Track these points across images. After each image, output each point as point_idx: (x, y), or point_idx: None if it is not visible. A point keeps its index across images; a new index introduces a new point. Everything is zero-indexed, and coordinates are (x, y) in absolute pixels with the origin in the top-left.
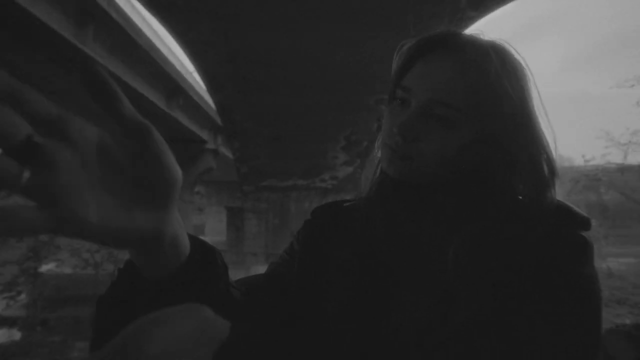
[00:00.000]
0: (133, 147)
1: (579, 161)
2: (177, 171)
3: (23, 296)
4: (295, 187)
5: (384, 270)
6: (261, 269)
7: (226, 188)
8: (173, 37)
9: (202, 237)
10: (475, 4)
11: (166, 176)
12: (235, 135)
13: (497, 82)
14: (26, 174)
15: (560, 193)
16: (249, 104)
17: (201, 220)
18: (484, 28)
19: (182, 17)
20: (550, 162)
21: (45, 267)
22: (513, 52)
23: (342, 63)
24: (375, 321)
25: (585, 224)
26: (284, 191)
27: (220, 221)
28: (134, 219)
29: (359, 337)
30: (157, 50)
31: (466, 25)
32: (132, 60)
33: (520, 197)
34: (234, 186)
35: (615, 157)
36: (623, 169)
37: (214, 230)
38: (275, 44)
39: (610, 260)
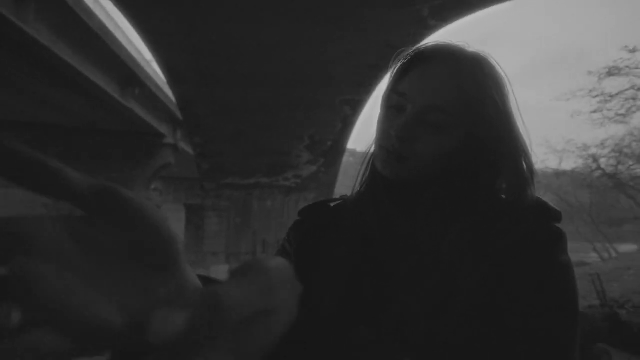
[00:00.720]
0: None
1: None
2: (169, 229)
3: None
4: (258, 185)
5: (380, 264)
6: (222, 268)
7: (185, 185)
8: (131, 23)
9: None
10: (436, 15)
11: (158, 239)
12: (196, 130)
13: (485, 90)
14: (15, 315)
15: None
16: (212, 99)
17: None
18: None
19: (142, 4)
20: (529, 162)
21: None
22: (495, 63)
23: (308, 61)
24: (375, 313)
25: (558, 217)
26: (246, 189)
27: (179, 220)
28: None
29: (360, 330)
30: (111, 35)
31: (428, 34)
32: (82, 44)
33: (503, 195)
34: (193, 183)
35: (552, 163)
36: (558, 174)
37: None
38: (241, 39)
39: None
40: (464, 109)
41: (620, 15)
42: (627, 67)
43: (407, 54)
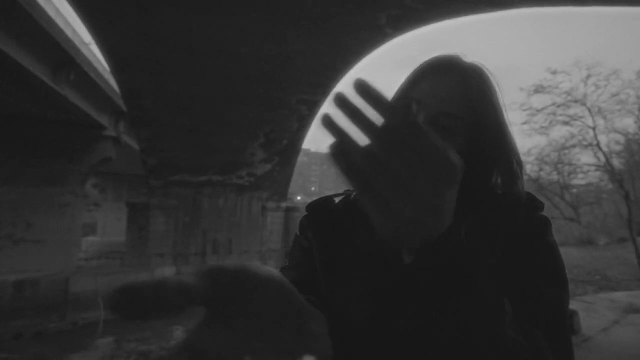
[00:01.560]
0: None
1: None
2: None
3: None
4: (209, 183)
5: None
6: (167, 270)
7: (127, 182)
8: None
9: (92, 238)
10: (392, 24)
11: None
12: (143, 123)
13: (487, 98)
14: None
15: None
16: (164, 90)
17: (92, 218)
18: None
19: None
20: (518, 158)
21: None
22: (489, 72)
23: (266, 58)
24: (399, 289)
25: (543, 206)
26: (196, 187)
27: (119, 219)
28: None
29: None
30: (39, 8)
31: (383, 42)
32: (5, 19)
33: (499, 189)
34: (137, 180)
35: None
36: None
37: (111, 229)
38: (197, 30)
39: None
40: (469, 114)
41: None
42: (549, 86)
43: (423, 64)
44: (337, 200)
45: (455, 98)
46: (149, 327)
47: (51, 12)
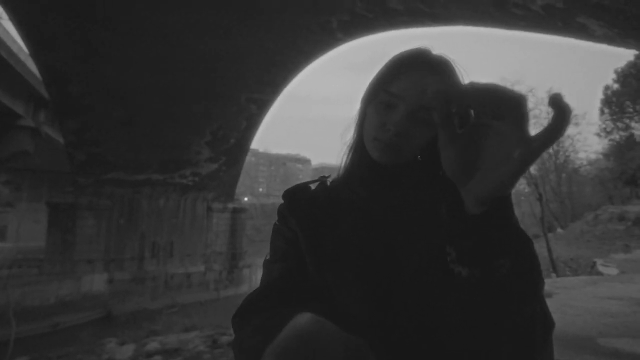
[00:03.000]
0: None
1: None
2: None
3: None
4: (149, 182)
5: (381, 230)
6: (98, 277)
7: (49, 179)
8: None
9: (1, 244)
10: (343, 29)
11: None
12: (71, 113)
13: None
14: None
15: None
16: (96, 77)
17: (3, 221)
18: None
19: None
20: None
21: None
22: (456, 64)
23: (214, 52)
24: (387, 271)
25: None
26: (134, 186)
27: (37, 221)
28: None
29: (379, 280)
30: None
31: (336, 45)
32: None
33: None
34: (61, 177)
35: None
36: None
37: (26, 233)
38: (139, 14)
39: None
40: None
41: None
42: None
43: (402, 59)
44: (313, 187)
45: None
46: (75, 341)
47: None
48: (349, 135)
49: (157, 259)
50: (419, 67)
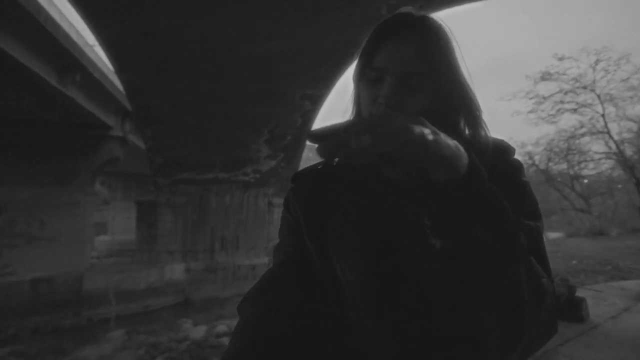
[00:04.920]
0: None
1: None
2: None
3: None
4: (215, 180)
5: (384, 204)
6: (177, 267)
7: (136, 181)
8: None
9: (103, 237)
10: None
11: None
12: (148, 122)
13: (446, 52)
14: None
15: None
16: (167, 88)
17: (103, 218)
18: None
19: None
20: (479, 109)
21: None
22: (445, 25)
23: (268, 54)
24: (387, 240)
25: (514, 151)
26: (203, 184)
27: (128, 217)
28: None
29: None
30: (44, 12)
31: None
32: (8, 21)
33: (467, 136)
34: (145, 179)
35: None
36: None
37: (121, 227)
38: (198, 28)
39: None
40: (432, 69)
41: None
42: (557, 72)
43: (379, 28)
44: (320, 168)
45: (417, 56)
46: (158, 319)
47: (55, 15)
48: (349, 114)
49: (226, 252)
50: (398, 32)
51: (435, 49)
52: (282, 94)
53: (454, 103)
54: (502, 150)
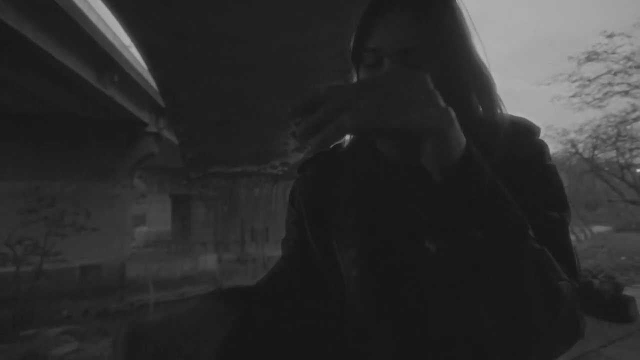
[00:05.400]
0: None
1: None
2: None
3: None
4: (245, 174)
5: (386, 198)
6: (210, 258)
7: (170, 175)
8: (105, 3)
9: (142, 228)
10: None
11: None
12: (180, 118)
13: (449, 20)
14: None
15: None
16: (196, 85)
17: (141, 210)
18: None
19: None
20: (491, 81)
21: None
22: None
23: (290, 47)
24: (386, 236)
25: (539, 130)
26: (233, 177)
27: (164, 210)
28: None
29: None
30: (84, 17)
31: None
32: (53, 26)
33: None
34: (178, 173)
35: None
36: None
37: (157, 220)
38: (222, 24)
39: None
40: (434, 41)
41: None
42: (605, 52)
43: (369, 8)
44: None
45: (414, 30)
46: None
47: (93, 18)
48: None
49: (256, 243)
50: (390, 9)
51: (434, 20)
52: (306, 85)
53: (462, 77)
54: (524, 130)
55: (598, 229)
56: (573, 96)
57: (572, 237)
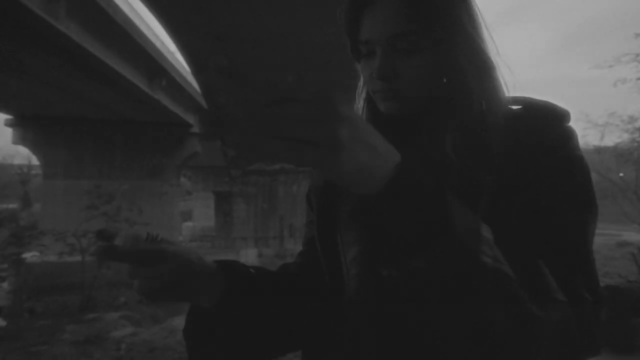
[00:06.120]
0: None
1: None
2: None
3: (6, 284)
4: (283, 171)
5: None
6: (251, 252)
7: (213, 173)
8: (152, 13)
9: (188, 223)
10: None
11: None
12: (220, 118)
13: (439, 5)
14: None
15: None
16: (233, 85)
17: (187, 207)
18: None
19: None
20: (491, 64)
21: (29, 254)
22: None
23: (326, 43)
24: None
25: (564, 116)
26: (272, 175)
27: (208, 207)
28: None
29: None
30: (136, 28)
31: None
32: (109, 38)
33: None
34: (221, 171)
35: (593, 139)
36: (600, 150)
37: (202, 215)
38: (259, 24)
39: None
40: (423, 26)
41: None
42: None
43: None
44: None
45: (402, 15)
46: None
47: (144, 29)
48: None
49: (294, 239)
50: None
51: (422, 2)
52: (342, 82)
53: (459, 61)
54: (542, 117)
55: None
56: None
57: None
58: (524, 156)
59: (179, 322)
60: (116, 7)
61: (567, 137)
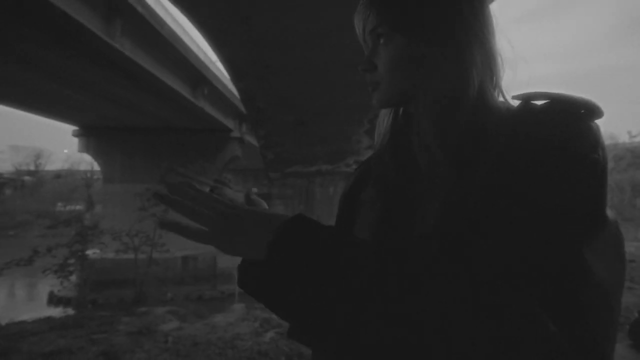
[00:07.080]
0: None
1: (623, 138)
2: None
3: (74, 277)
4: (319, 173)
5: (404, 199)
6: None
7: (252, 175)
8: (194, 25)
9: None
10: None
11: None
12: (259, 122)
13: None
14: None
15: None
16: (272, 90)
17: None
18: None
19: (202, 4)
20: (489, 54)
21: (91, 251)
22: None
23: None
24: (402, 228)
25: (586, 112)
26: (309, 177)
27: None
28: None
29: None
30: (180, 41)
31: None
32: (157, 52)
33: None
34: (260, 173)
35: None
36: None
37: None
38: (294, 28)
39: None
40: (398, 12)
41: None
42: None
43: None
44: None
45: (371, 14)
46: None
47: (187, 41)
48: None
49: None
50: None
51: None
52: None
53: (434, 52)
54: (551, 113)
55: None
56: None
57: None
58: (523, 156)
59: (220, 319)
60: (163, 23)
61: (575, 136)
